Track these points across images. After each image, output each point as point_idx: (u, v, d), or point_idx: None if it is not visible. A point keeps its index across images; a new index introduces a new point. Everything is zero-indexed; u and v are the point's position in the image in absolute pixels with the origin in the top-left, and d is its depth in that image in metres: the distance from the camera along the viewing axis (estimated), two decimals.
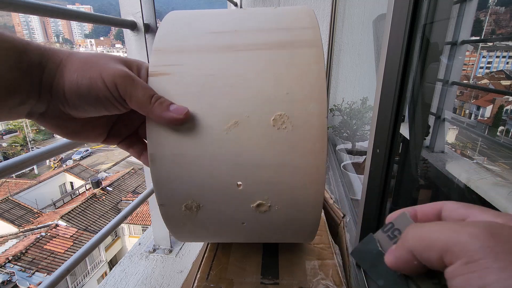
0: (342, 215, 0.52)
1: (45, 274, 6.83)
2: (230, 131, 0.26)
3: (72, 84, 0.23)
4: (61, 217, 8.45)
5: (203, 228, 0.31)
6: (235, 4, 1.48)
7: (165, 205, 0.29)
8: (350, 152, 1.61)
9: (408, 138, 0.95)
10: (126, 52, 0.63)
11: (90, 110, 0.25)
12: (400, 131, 0.60)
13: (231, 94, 0.27)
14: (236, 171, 0.27)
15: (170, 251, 0.77)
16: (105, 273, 8.20)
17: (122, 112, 0.27)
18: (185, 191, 0.28)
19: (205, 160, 0.27)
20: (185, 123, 0.26)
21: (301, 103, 0.26)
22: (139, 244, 0.81)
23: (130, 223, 9.55)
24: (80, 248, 0.52)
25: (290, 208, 0.29)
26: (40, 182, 12.06)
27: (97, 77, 0.23)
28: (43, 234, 7.74)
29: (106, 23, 0.53)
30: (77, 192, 12.15)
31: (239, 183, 0.27)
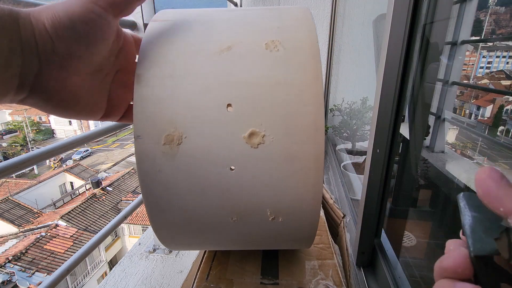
0: (342, 215, 0.52)
1: (45, 274, 6.83)
2: (222, 53, 0.27)
3: (53, 20, 0.22)
4: (61, 217, 8.45)
5: (181, 177, 0.26)
6: (235, 4, 1.48)
7: (142, 138, 0.25)
8: (350, 152, 1.61)
9: (408, 138, 0.95)
10: None
11: (84, 45, 0.23)
12: (400, 131, 0.60)
13: (225, 25, 0.29)
14: (226, 90, 0.25)
15: (170, 251, 0.77)
16: (105, 273, 8.20)
17: (117, 43, 0.26)
18: (169, 115, 0.25)
19: (194, 79, 0.26)
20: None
21: (292, 32, 0.28)
22: (139, 244, 0.81)
23: (130, 223, 9.55)
24: (80, 248, 0.52)
25: (286, 139, 0.25)
26: (40, 182, 12.06)
27: (74, 4, 0.23)
28: (43, 234, 7.74)
29: None
30: (77, 192, 12.15)
31: (229, 103, 0.25)
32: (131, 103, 0.31)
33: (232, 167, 0.26)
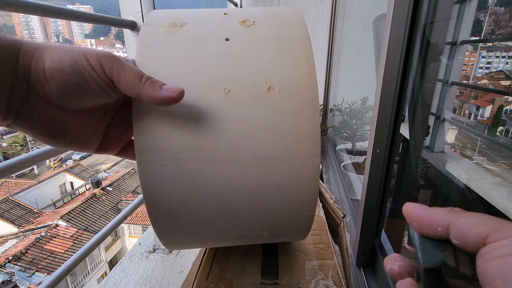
0: (342, 215, 0.52)
1: (45, 274, 6.83)
2: (223, 12, 0.32)
3: (54, 62, 0.22)
4: (61, 217, 8.45)
5: (179, 49, 0.28)
6: (235, 4, 1.48)
7: (149, 24, 0.29)
8: (350, 152, 1.61)
9: (408, 138, 0.96)
10: (126, 52, 0.63)
11: (75, 95, 0.23)
12: (400, 131, 0.60)
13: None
14: (222, 10, 0.31)
15: (170, 251, 0.77)
16: (105, 273, 8.20)
17: (112, 99, 0.25)
18: (175, 15, 0.30)
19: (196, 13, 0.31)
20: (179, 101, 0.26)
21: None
22: (139, 244, 0.81)
23: (130, 223, 9.55)
24: (80, 248, 0.52)
25: (274, 24, 0.30)
26: (40, 182, 12.06)
27: (81, 56, 0.22)
28: (43, 234, 7.74)
29: (106, 23, 0.53)
30: (77, 192, 12.15)
31: (225, 12, 0.31)
32: (132, 138, 0.30)
33: (228, 38, 0.28)
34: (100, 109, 0.27)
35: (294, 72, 0.27)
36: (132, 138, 0.30)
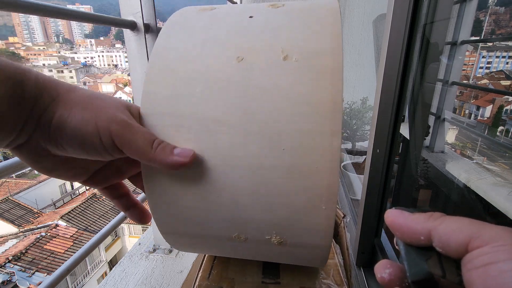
0: (343, 215, 0.52)
1: (45, 274, 6.82)
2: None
3: (61, 121, 0.21)
4: (61, 217, 8.45)
5: (204, 22, 0.29)
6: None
7: (178, 14, 0.31)
8: (350, 152, 1.61)
9: (408, 138, 0.96)
10: (126, 52, 0.63)
11: (71, 152, 0.23)
12: (400, 131, 0.60)
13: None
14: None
15: (170, 251, 0.77)
16: (105, 273, 8.20)
17: (105, 160, 0.25)
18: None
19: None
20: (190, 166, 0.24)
21: None
22: (139, 244, 0.81)
23: (130, 223, 9.55)
24: (80, 248, 0.52)
25: (304, 6, 0.29)
26: (40, 182, 12.05)
27: (90, 119, 0.21)
28: (43, 234, 7.74)
29: (106, 23, 0.53)
30: (77, 192, 12.15)
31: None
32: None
33: (252, 16, 0.29)
34: (98, 162, 0.27)
35: (316, 43, 0.25)
36: (117, 181, 0.30)
